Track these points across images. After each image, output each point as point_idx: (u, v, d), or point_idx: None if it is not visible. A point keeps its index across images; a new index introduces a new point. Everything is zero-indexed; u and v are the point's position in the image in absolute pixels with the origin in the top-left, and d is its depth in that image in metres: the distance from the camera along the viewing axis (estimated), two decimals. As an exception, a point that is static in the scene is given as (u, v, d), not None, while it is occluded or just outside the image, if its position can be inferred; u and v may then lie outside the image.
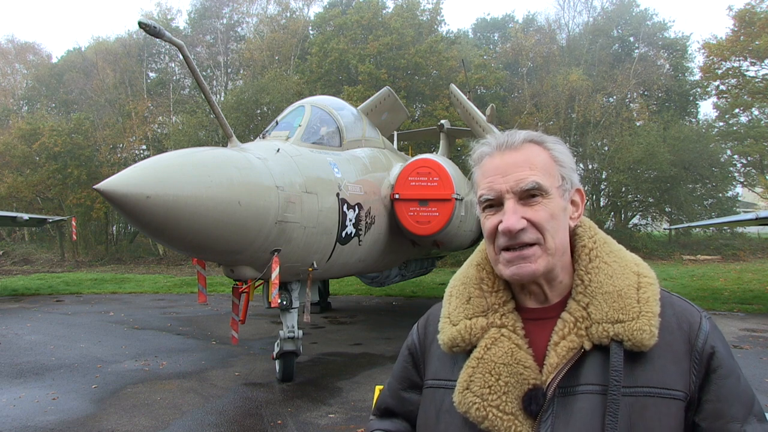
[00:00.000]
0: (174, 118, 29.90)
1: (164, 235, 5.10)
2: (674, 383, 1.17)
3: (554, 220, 1.24)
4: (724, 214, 24.31)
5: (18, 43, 39.24)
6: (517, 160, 1.25)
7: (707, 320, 1.26)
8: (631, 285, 1.24)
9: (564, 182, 1.29)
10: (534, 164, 1.25)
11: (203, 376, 7.65)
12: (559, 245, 1.25)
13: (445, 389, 1.30)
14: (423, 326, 1.48)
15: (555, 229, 1.24)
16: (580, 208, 1.35)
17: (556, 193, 1.26)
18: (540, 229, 1.22)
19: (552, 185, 1.25)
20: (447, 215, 8.49)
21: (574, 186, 1.32)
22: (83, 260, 27.21)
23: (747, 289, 15.66)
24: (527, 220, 1.22)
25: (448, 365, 1.33)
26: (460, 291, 1.37)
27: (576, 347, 1.19)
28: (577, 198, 1.34)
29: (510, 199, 1.23)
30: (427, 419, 1.33)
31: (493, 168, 1.27)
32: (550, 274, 1.26)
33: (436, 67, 27.29)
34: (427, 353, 1.42)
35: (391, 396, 1.50)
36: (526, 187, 1.23)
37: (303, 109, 7.73)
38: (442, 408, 1.29)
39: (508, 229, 1.21)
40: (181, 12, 72.39)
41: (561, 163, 1.29)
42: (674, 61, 30.34)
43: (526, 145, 1.28)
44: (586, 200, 1.39)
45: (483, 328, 1.27)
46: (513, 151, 1.27)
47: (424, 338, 1.45)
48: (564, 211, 1.28)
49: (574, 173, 1.32)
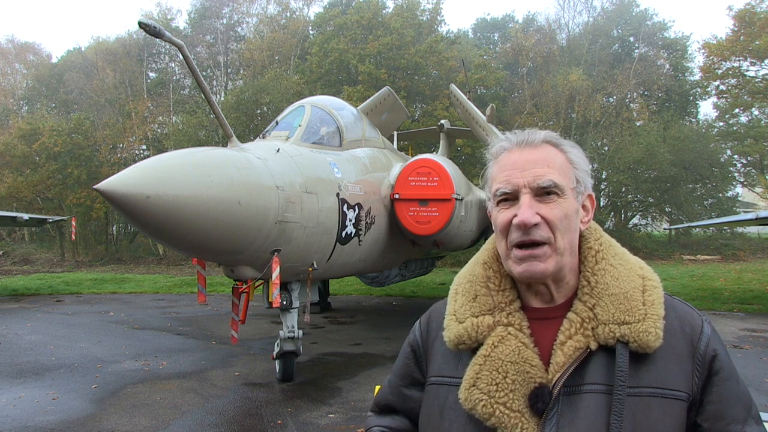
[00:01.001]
0: (174, 118, 29.90)
1: (164, 235, 5.10)
2: (677, 384, 1.19)
3: (567, 220, 1.26)
4: (724, 214, 24.30)
5: (18, 43, 39.28)
6: (536, 158, 1.28)
7: (708, 324, 1.29)
8: (636, 287, 1.26)
9: (579, 185, 1.31)
10: (552, 163, 1.28)
11: (203, 376, 7.65)
12: (567, 246, 1.27)
13: (449, 386, 1.31)
14: (425, 323, 1.49)
15: (566, 229, 1.26)
16: (590, 213, 1.37)
17: (571, 194, 1.28)
18: (552, 228, 1.24)
19: (567, 185, 1.28)
20: (447, 215, 8.49)
21: (588, 190, 1.34)
22: (83, 260, 27.22)
23: (747, 289, 15.66)
24: (541, 216, 1.24)
25: (452, 362, 1.34)
26: (466, 289, 1.38)
27: (582, 347, 1.21)
28: (588, 203, 1.36)
29: (526, 194, 1.25)
30: (431, 416, 1.34)
31: (511, 163, 1.29)
32: (558, 275, 1.27)
33: (436, 67, 27.30)
34: (429, 350, 1.43)
35: (392, 393, 1.50)
36: (543, 184, 1.25)
37: (303, 109, 7.73)
38: (446, 405, 1.30)
39: (522, 222, 1.23)
40: (181, 12, 72.45)
41: (577, 165, 1.32)
42: (674, 61, 30.34)
43: (545, 145, 1.31)
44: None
45: (490, 326, 1.29)
46: (532, 149, 1.30)
47: (426, 335, 1.46)
48: (576, 213, 1.30)
49: (589, 177, 1.35)
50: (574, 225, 1.29)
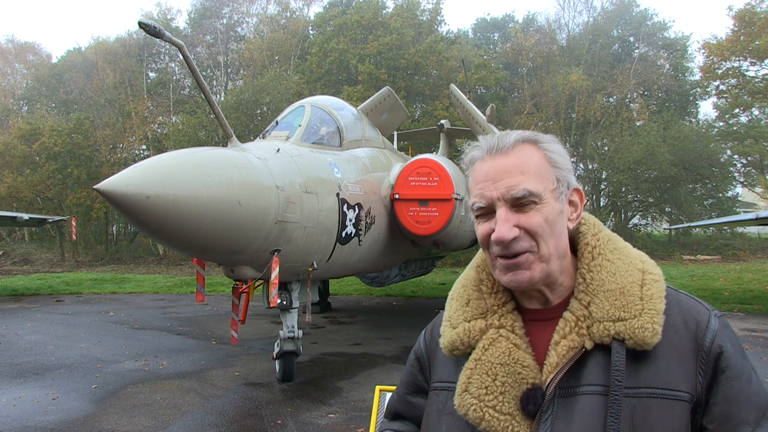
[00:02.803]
0: (174, 118, 29.88)
1: (164, 235, 5.10)
2: (679, 384, 1.13)
3: (548, 225, 1.20)
4: (724, 214, 24.29)
5: (18, 43, 39.34)
6: (508, 165, 1.21)
7: (716, 319, 1.20)
8: (634, 282, 1.21)
9: (559, 184, 1.24)
10: (526, 168, 1.21)
11: (203, 376, 7.65)
12: (553, 250, 1.21)
13: (448, 391, 1.30)
14: (429, 331, 1.48)
15: (549, 234, 1.20)
16: (579, 209, 1.31)
17: (551, 196, 1.21)
18: (533, 236, 1.19)
19: (546, 189, 1.21)
20: (447, 215, 8.49)
21: (571, 187, 1.27)
22: (83, 260, 27.22)
23: (747, 289, 15.66)
24: (520, 227, 1.19)
25: (451, 368, 1.33)
26: (460, 294, 1.37)
27: (577, 346, 1.17)
28: (575, 198, 1.29)
29: (502, 207, 1.20)
30: (430, 420, 1.33)
31: (483, 174, 1.24)
32: (548, 279, 1.23)
33: (436, 67, 27.30)
34: (432, 357, 1.42)
35: (399, 401, 1.51)
36: (517, 194, 1.19)
37: (303, 109, 7.73)
38: (444, 410, 1.29)
39: (499, 240, 1.18)
40: (181, 12, 72.45)
41: (556, 164, 1.24)
42: (674, 61, 30.34)
43: (519, 147, 1.23)
44: (586, 200, 1.35)
45: (481, 329, 1.27)
46: (503, 156, 1.22)
47: (430, 342, 1.45)
48: (560, 214, 1.23)
49: (571, 174, 1.27)
50: (559, 228, 1.23)
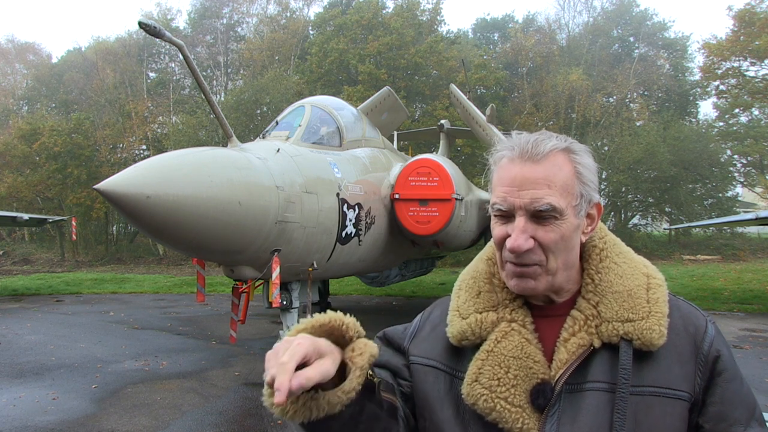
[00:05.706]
0: (174, 118, 29.88)
1: (164, 235, 5.10)
2: (679, 384, 1.19)
3: (563, 241, 1.22)
4: (724, 214, 24.27)
5: (18, 43, 39.33)
6: (537, 176, 1.20)
7: (713, 325, 1.28)
8: (640, 285, 1.25)
9: (582, 200, 1.24)
10: (553, 182, 1.20)
11: (203, 376, 7.66)
12: (561, 264, 1.23)
13: (453, 377, 1.30)
14: (429, 311, 1.49)
15: (561, 250, 1.22)
16: (595, 223, 1.32)
17: (572, 212, 1.22)
18: (545, 251, 1.21)
19: (569, 205, 1.21)
20: (447, 215, 8.49)
21: (593, 202, 1.28)
22: (83, 260, 27.21)
23: (747, 289, 15.66)
24: (536, 239, 1.20)
25: (451, 352, 1.33)
26: (469, 285, 1.38)
27: (585, 344, 1.20)
28: (594, 212, 1.30)
29: (521, 216, 1.20)
30: (431, 400, 1.31)
31: (509, 178, 1.22)
32: (552, 288, 1.26)
33: (436, 67, 27.30)
34: (425, 325, 1.43)
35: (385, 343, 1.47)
36: (540, 208, 1.19)
37: (303, 109, 7.73)
38: (450, 394, 1.29)
39: (513, 249, 1.20)
40: (181, 12, 72.51)
41: (583, 178, 1.24)
42: (674, 61, 30.37)
43: (551, 156, 1.22)
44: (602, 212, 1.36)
45: (493, 322, 1.28)
46: (534, 164, 1.21)
47: (427, 316, 1.45)
48: (576, 230, 1.25)
49: (595, 190, 1.27)
50: (572, 243, 1.24)
